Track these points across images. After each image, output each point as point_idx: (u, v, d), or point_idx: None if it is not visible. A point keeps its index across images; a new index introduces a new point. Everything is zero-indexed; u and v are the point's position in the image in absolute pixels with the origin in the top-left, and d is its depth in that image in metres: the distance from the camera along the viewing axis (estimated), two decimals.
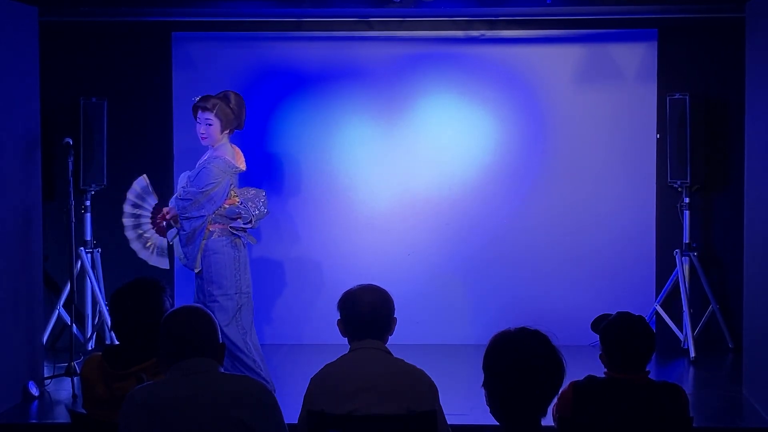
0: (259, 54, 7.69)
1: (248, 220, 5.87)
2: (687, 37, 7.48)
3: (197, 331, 3.16)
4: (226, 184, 5.83)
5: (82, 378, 3.67)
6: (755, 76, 6.06)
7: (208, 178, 5.78)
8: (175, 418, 3.03)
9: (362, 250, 7.65)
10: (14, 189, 6.01)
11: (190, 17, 7.45)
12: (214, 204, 5.79)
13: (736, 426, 5.60)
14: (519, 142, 7.62)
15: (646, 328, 3.68)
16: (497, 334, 2.83)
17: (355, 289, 3.80)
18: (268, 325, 7.65)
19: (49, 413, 5.88)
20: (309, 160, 7.69)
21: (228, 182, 5.85)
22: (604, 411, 3.54)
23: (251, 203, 5.94)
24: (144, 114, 7.64)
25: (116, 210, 6.03)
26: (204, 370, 3.12)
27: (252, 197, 5.96)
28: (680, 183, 7.31)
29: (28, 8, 6.24)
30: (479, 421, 5.05)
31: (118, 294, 3.68)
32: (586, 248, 7.58)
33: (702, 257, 7.37)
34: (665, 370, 6.85)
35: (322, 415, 3.54)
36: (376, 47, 7.66)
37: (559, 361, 2.77)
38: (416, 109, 7.64)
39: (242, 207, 5.87)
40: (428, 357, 6.61)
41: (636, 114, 7.55)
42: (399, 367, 3.68)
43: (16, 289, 6.02)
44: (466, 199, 7.62)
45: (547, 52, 7.60)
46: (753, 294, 5.98)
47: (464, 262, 7.63)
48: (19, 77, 6.12)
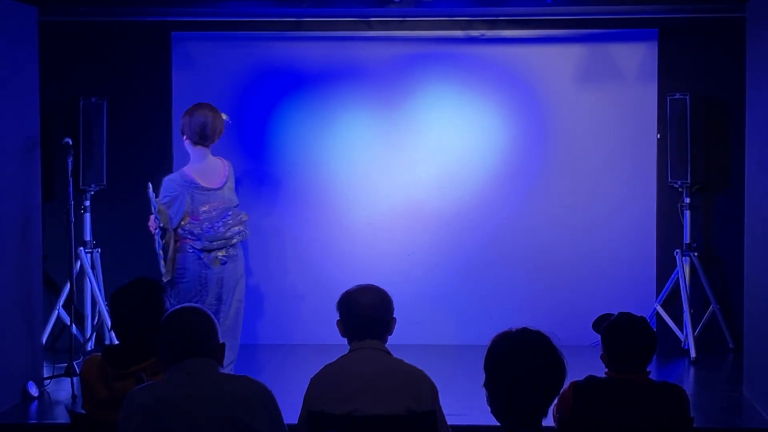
0: (259, 54, 7.69)
1: (198, 238, 5.74)
2: (687, 37, 7.47)
3: (197, 331, 3.16)
4: (182, 199, 5.75)
5: (82, 378, 3.67)
6: (756, 76, 6.05)
7: (163, 190, 5.80)
8: (174, 418, 3.03)
9: (362, 251, 7.64)
10: (14, 189, 6.01)
11: (190, 17, 7.44)
12: (175, 217, 5.74)
13: (736, 426, 5.59)
14: (519, 142, 7.62)
15: (647, 329, 3.68)
16: (499, 334, 2.83)
17: (354, 290, 3.80)
18: (269, 325, 7.64)
19: (48, 413, 5.87)
20: (309, 160, 7.68)
21: (184, 197, 5.75)
22: (604, 411, 3.54)
23: (210, 223, 5.77)
24: (144, 114, 7.63)
25: (116, 210, 6.03)
26: (204, 370, 3.12)
27: (214, 217, 5.79)
28: (681, 183, 7.31)
29: (28, 8, 6.24)
30: (479, 421, 5.04)
31: (117, 294, 3.69)
32: (586, 248, 7.57)
33: (702, 257, 7.37)
34: (666, 371, 6.85)
35: (322, 415, 3.54)
36: (376, 47, 7.65)
37: (561, 362, 2.77)
38: (416, 109, 7.64)
39: (195, 226, 5.76)
40: (428, 357, 6.62)
41: (636, 114, 7.54)
42: (399, 367, 3.68)
43: (16, 289, 6.01)
44: (466, 200, 7.62)
45: (547, 52, 7.60)
46: (753, 294, 5.98)
47: (464, 263, 7.62)
48: (19, 77, 6.11)
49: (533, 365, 2.73)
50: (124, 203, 7.44)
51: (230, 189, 5.97)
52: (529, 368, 2.73)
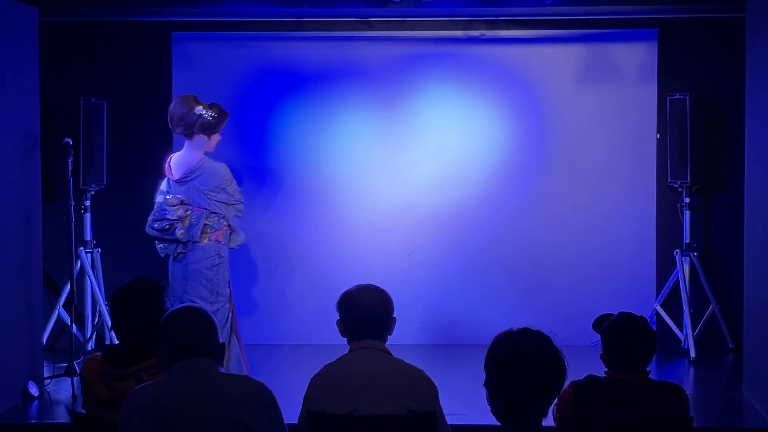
0: (259, 54, 7.69)
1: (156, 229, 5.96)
2: (687, 37, 7.47)
3: (197, 331, 3.16)
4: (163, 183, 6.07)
5: (82, 378, 3.67)
6: (755, 76, 6.05)
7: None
8: (174, 418, 3.03)
9: (362, 250, 7.64)
10: (14, 189, 6.01)
11: (190, 17, 7.44)
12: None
13: (736, 426, 5.59)
14: (519, 142, 7.62)
15: (647, 329, 3.68)
16: (500, 334, 2.83)
17: (354, 290, 3.79)
18: (269, 325, 7.64)
19: (48, 413, 5.87)
20: (309, 160, 7.68)
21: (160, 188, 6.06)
22: (604, 411, 3.54)
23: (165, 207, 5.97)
24: (144, 114, 7.63)
25: (116, 210, 6.04)
26: (204, 370, 3.12)
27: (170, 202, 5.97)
28: (680, 183, 7.31)
29: (28, 8, 6.24)
30: (479, 421, 5.04)
31: (118, 294, 3.69)
32: (586, 248, 7.57)
33: (702, 257, 7.37)
34: (665, 370, 6.85)
35: (322, 415, 3.54)
36: (376, 47, 7.66)
37: (561, 362, 2.77)
38: (416, 109, 7.64)
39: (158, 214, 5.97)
40: (428, 357, 6.64)
41: (636, 114, 7.54)
42: (399, 367, 3.68)
43: (16, 289, 6.01)
44: (466, 199, 7.62)
45: (547, 52, 7.59)
46: (753, 294, 5.98)
47: (464, 262, 7.62)
48: (19, 77, 6.11)
49: (534, 365, 2.73)
50: (124, 203, 7.44)
51: (198, 190, 5.94)
52: (530, 368, 2.73)
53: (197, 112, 5.95)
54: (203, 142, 6.01)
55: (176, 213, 5.90)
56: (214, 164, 6.02)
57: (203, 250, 5.89)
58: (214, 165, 6.01)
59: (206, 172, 5.96)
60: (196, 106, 5.96)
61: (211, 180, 5.95)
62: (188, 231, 5.86)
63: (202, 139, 6.00)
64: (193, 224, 5.87)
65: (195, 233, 5.86)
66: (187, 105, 5.97)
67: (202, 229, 5.88)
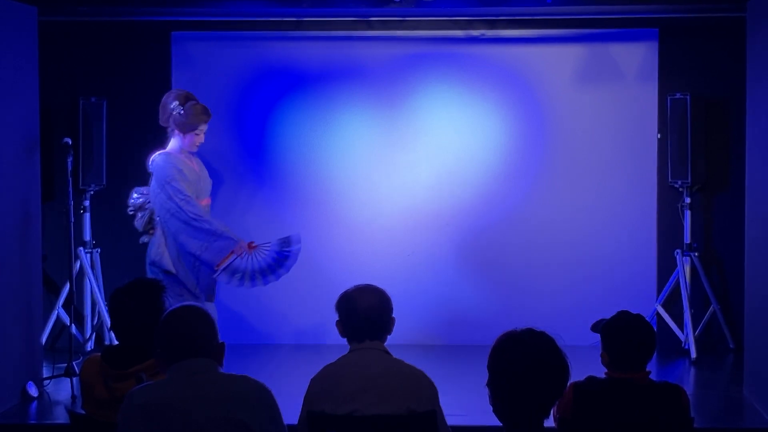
0: (259, 54, 7.68)
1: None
2: (688, 36, 7.47)
3: (196, 330, 3.15)
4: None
5: (82, 378, 3.67)
6: (756, 75, 6.05)
7: None
8: (174, 418, 3.02)
9: (362, 250, 7.63)
10: (13, 189, 6.01)
11: (190, 17, 7.44)
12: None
13: (737, 427, 5.59)
14: (519, 142, 7.61)
15: (645, 325, 3.68)
16: (503, 334, 2.82)
17: (353, 290, 3.79)
18: (269, 325, 7.64)
19: (48, 414, 5.87)
20: (308, 160, 7.68)
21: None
22: (604, 412, 3.54)
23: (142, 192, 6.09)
24: (143, 114, 7.60)
25: (116, 210, 6.04)
26: (203, 371, 3.11)
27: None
28: (681, 183, 7.30)
29: (28, 8, 6.23)
30: (479, 421, 5.04)
31: (117, 294, 3.68)
32: (586, 248, 7.57)
33: (703, 257, 7.37)
34: (666, 371, 6.84)
35: (322, 415, 3.54)
36: (376, 47, 7.65)
37: (564, 363, 2.77)
38: (416, 108, 7.63)
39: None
40: (428, 357, 6.63)
41: (636, 114, 7.54)
42: (399, 367, 3.67)
43: (15, 289, 6.01)
44: (466, 199, 7.61)
45: (547, 52, 7.59)
46: (754, 294, 5.98)
47: (464, 262, 7.61)
48: (19, 77, 6.11)
49: (537, 366, 2.73)
50: (124, 203, 7.39)
51: (155, 180, 5.93)
52: (533, 369, 2.72)
53: (171, 107, 5.96)
54: (180, 139, 6.00)
55: (137, 201, 6.03)
56: (163, 160, 5.91)
57: (151, 243, 5.97)
58: (159, 160, 5.92)
59: (155, 168, 5.94)
60: (174, 102, 5.96)
61: (156, 176, 5.94)
62: (139, 221, 6.02)
63: (178, 135, 5.99)
64: (144, 215, 5.99)
65: (139, 224, 6.02)
66: (172, 99, 6.00)
67: (146, 221, 5.98)
